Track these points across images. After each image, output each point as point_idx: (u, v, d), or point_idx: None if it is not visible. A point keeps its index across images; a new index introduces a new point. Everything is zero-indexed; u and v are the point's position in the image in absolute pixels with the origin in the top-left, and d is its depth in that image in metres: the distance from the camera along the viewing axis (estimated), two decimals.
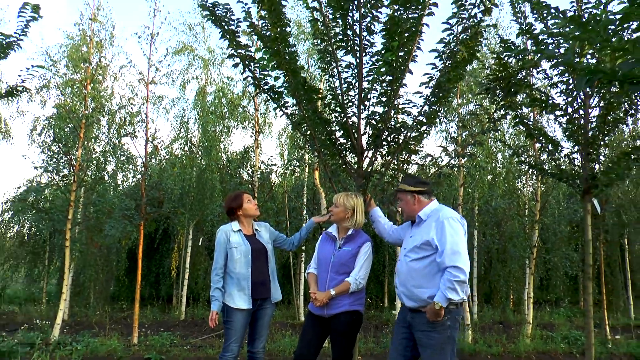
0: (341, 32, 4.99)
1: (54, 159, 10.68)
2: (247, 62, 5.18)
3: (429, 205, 4.15)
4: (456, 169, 9.30)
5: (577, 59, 4.98)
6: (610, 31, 2.85)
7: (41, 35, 26.96)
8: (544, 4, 4.82)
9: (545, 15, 5.29)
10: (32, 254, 18.11)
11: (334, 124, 5.27)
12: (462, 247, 3.79)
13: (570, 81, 5.51)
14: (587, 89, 5.46)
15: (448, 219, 3.88)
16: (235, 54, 5.13)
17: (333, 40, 5.04)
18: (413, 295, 3.94)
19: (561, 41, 5.02)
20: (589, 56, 5.21)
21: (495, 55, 5.73)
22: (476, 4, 4.76)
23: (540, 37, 5.44)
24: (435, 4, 4.75)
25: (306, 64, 12.91)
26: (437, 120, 6.50)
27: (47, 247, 17.83)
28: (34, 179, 17.10)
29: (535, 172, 10.70)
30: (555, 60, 5.25)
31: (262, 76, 5.23)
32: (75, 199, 10.30)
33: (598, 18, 2.66)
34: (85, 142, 11.32)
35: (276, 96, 5.31)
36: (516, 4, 5.98)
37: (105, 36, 11.18)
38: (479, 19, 4.79)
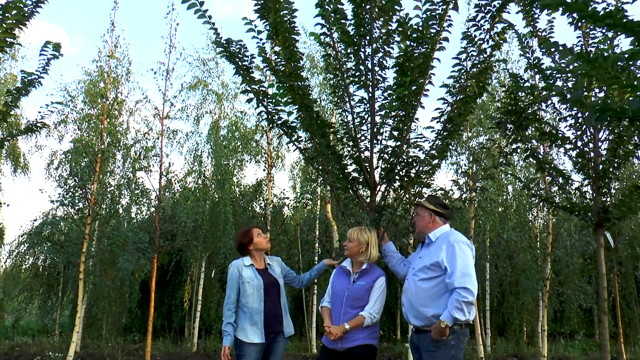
0: (353, 67, 5.10)
1: (70, 193, 10.83)
2: (260, 98, 5.29)
3: (441, 227, 4.27)
4: (467, 202, 9.33)
5: (586, 93, 5.05)
6: (618, 67, 2.91)
7: (60, 71, 27.49)
8: (551, 42, 4.91)
9: (552, 50, 5.38)
10: (46, 285, 18.20)
11: (347, 158, 5.34)
12: (472, 270, 3.91)
13: (579, 115, 5.57)
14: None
15: (458, 243, 4.00)
16: (249, 89, 5.25)
17: (345, 75, 5.15)
18: (419, 314, 4.03)
19: (569, 76, 5.10)
20: (597, 90, 5.29)
21: (505, 89, 5.82)
22: (485, 39, 4.88)
23: (549, 72, 5.52)
24: (446, 39, 4.86)
25: (319, 97, 13.10)
26: (449, 153, 6.57)
27: (61, 279, 17.93)
28: (50, 212, 17.29)
29: (546, 205, 10.68)
30: (564, 97, 5.33)
31: (275, 111, 5.34)
32: (89, 232, 10.40)
33: (605, 54, 2.73)
34: (101, 176, 11.48)
35: (289, 131, 5.40)
36: (524, 40, 6.09)
37: (122, 72, 11.47)
38: (488, 53, 4.90)
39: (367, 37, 4.85)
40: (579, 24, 5.68)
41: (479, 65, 4.91)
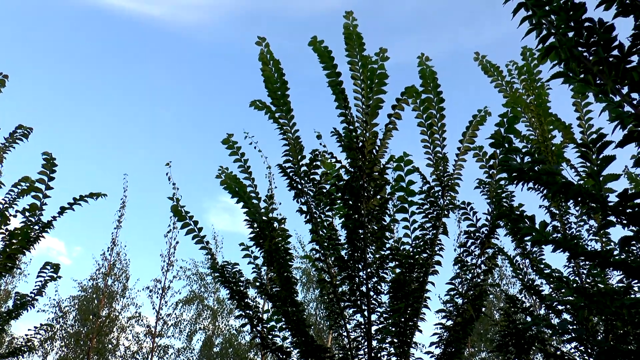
0: (348, 292, 5.09)
1: None
2: (255, 322, 5.20)
3: None
4: None
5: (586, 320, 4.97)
6: (616, 300, 2.91)
7: (55, 286, 27.50)
8: (546, 273, 5.00)
9: (546, 275, 5.42)
10: None
11: None
12: None
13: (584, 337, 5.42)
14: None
15: None
16: (243, 314, 5.19)
17: (341, 298, 5.12)
18: None
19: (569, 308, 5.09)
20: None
21: (502, 312, 5.75)
22: (477, 264, 4.96)
23: (548, 301, 5.50)
24: (439, 263, 4.95)
25: (314, 312, 12.92)
26: None
27: None
28: None
29: None
30: (567, 336, 5.27)
31: (270, 336, 5.21)
32: None
33: (602, 288, 2.78)
34: None
35: (284, 357, 5.22)
36: (515, 262, 6.17)
37: (118, 289, 11.42)
38: (482, 278, 4.94)
39: (361, 262, 4.92)
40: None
41: (472, 290, 4.92)
